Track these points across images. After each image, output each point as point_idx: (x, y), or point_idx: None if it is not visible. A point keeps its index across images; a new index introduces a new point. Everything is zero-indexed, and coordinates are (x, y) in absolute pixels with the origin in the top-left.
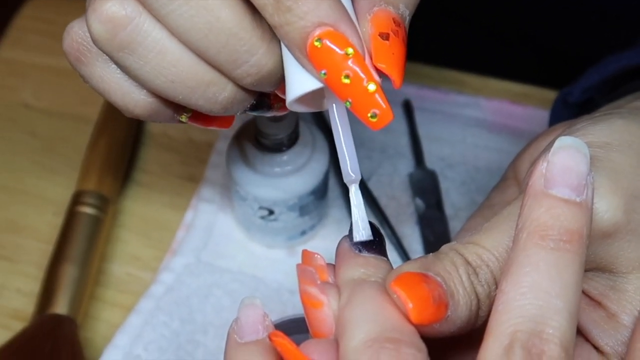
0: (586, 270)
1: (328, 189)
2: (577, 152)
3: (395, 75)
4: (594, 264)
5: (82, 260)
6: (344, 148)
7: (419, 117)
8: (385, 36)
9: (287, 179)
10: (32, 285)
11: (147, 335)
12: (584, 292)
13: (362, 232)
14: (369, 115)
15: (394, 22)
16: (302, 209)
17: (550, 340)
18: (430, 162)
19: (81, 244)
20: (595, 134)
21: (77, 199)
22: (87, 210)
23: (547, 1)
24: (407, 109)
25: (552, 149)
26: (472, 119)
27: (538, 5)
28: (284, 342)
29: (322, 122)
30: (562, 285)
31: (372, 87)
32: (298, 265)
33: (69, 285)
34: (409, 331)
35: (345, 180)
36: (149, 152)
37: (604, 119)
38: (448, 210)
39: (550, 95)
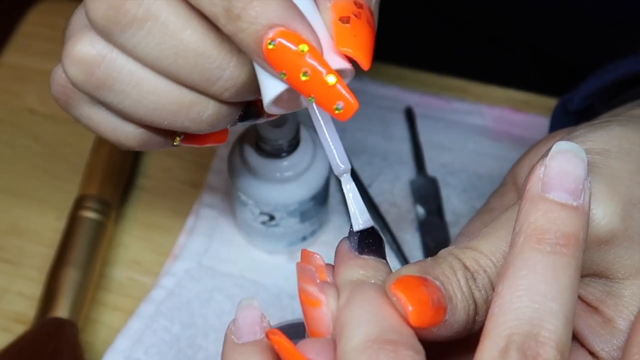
0: (582, 276)
1: (329, 195)
2: (574, 156)
3: (361, 56)
4: (591, 269)
5: (83, 264)
6: (329, 141)
7: (420, 124)
8: (345, 20)
9: (288, 184)
10: (34, 289)
11: (148, 339)
12: (580, 298)
13: (360, 222)
14: (334, 107)
15: (355, 4)
16: (303, 215)
17: (545, 343)
18: (431, 169)
19: (83, 248)
20: (594, 141)
21: (79, 204)
22: (90, 214)
23: (548, 10)
24: (409, 116)
25: (550, 154)
26: (473, 126)
27: (540, 14)
28: (281, 341)
29: None
30: (558, 288)
31: (331, 79)
32: (298, 264)
33: (71, 289)
34: (407, 333)
35: (336, 172)
36: (151, 158)
37: (602, 126)
38: (449, 217)
39: (552, 102)
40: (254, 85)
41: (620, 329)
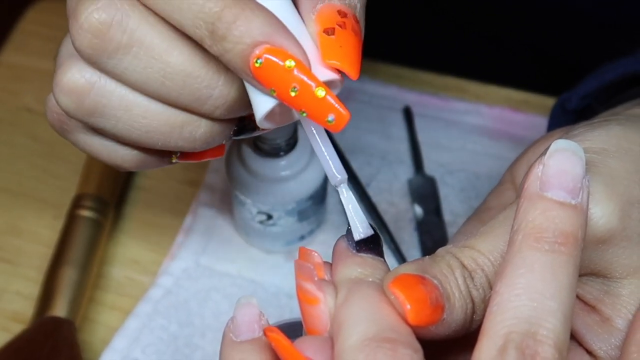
0: (580, 275)
1: (327, 195)
2: (572, 155)
3: (348, 68)
4: (589, 269)
5: (81, 263)
6: (324, 152)
7: (419, 124)
8: (330, 31)
9: (286, 183)
10: (32, 288)
11: (145, 339)
12: (578, 297)
13: (360, 231)
14: (326, 120)
15: (339, 13)
16: (301, 214)
17: (544, 342)
18: (429, 168)
19: (81, 248)
20: (593, 140)
21: (77, 203)
22: (87, 213)
23: (547, 10)
24: (408, 115)
25: (548, 152)
26: (472, 125)
27: (539, 14)
28: (279, 338)
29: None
30: (556, 287)
31: (321, 92)
32: (296, 261)
33: (68, 288)
34: (405, 332)
35: (332, 183)
36: None
37: (601, 125)
38: (447, 216)
39: (551, 102)
40: (245, 100)
41: (618, 328)
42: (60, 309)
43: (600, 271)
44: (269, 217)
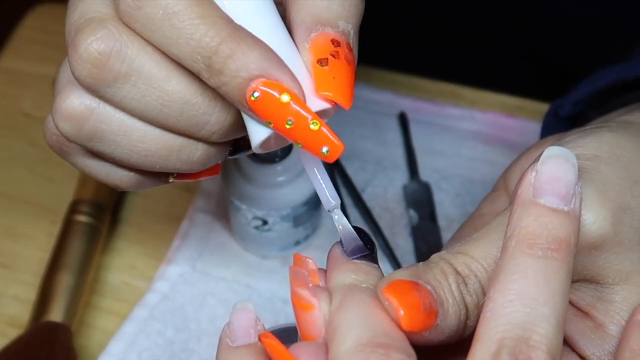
0: (573, 281)
1: None
2: (565, 161)
3: (340, 99)
4: (581, 275)
5: (78, 268)
6: (320, 179)
7: (414, 130)
8: (324, 62)
9: (281, 189)
10: (29, 293)
11: (141, 343)
12: (571, 303)
13: (354, 252)
14: (320, 151)
15: (333, 42)
16: (296, 220)
17: (537, 347)
18: (424, 174)
19: (77, 253)
20: (585, 147)
21: (74, 208)
22: (84, 219)
23: (542, 16)
24: (403, 121)
25: (541, 159)
26: (467, 131)
27: (533, 20)
28: (274, 344)
29: None
30: (549, 292)
31: (315, 125)
32: (290, 268)
33: (65, 293)
34: (399, 337)
35: (327, 208)
36: None
37: (593, 131)
38: (442, 222)
39: (545, 108)
40: (241, 124)
41: (611, 334)
42: (56, 314)
43: (592, 277)
44: (265, 222)
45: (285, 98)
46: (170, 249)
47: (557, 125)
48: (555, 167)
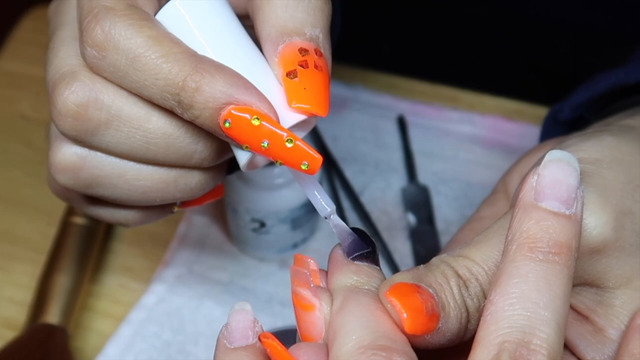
0: (574, 285)
1: None
2: (567, 165)
3: (314, 108)
4: (582, 279)
5: (74, 270)
6: (313, 188)
7: (413, 133)
8: (293, 74)
9: (279, 191)
10: (25, 295)
11: (138, 346)
12: (571, 307)
13: (356, 248)
14: (300, 166)
15: (301, 51)
16: (294, 222)
17: (537, 351)
18: (423, 177)
19: (74, 255)
20: (586, 150)
21: (71, 210)
22: (81, 221)
23: (541, 20)
24: (401, 124)
25: (543, 162)
26: (465, 135)
27: (532, 24)
28: (274, 344)
29: (314, 134)
30: (550, 296)
31: (290, 144)
32: (292, 267)
33: (61, 295)
34: (400, 340)
35: (322, 215)
36: None
37: (594, 135)
38: (440, 225)
39: (544, 112)
40: (228, 146)
41: (611, 338)
42: (53, 316)
43: (593, 281)
44: (262, 224)
45: (255, 122)
46: (168, 251)
47: (555, 129)
48: (556, 170)
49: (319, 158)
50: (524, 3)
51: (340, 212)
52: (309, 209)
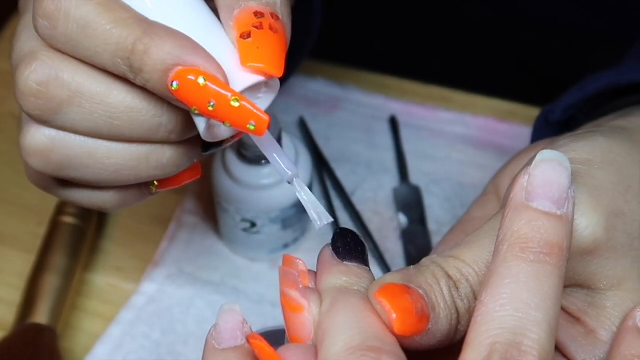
0: (565, 287)
1: None
2: (558, 165)
3: (267, 67)
4: (573, 280)
5: (64, 270)
6: (273, 152)
7: (404, 133)
8: (246, 35)
9: (270, 191)
10: (14, 295)
11: (127, 346)
12: (562, 308)
13: (321, 219)
14: (247, 127)
15: (256, 15)
16: (285, 222)
17: (528, 352)
18: (415, 177)
19: (63, 254)
20: (578, 151)
21: (60, 209)
22: (71, 220)
23: (533, 21)
24: (393, 124)
25: (534, 162)
26: (458, 135)
27: (525, 25)
28: (262, 345)
29: (306, 134)
30: (541, 297)
31: (235, 103)
32: (280, 268)
33: (50, 295)
34: (390, 341)
35: (285, 179)
36: None
37: (586, 136)
38: (431, 225)
39: (537, 112)
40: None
41: (602, 340)
42: (41, 316)
43: (584, 282)
44: (253, 224)
45: (201, 80)
46: (158, 251)
47: (547, 130)
48: (548, 170)
49: (265, 118)
50: (517, 3)
51: (332, 213)
52: (299, 209)
